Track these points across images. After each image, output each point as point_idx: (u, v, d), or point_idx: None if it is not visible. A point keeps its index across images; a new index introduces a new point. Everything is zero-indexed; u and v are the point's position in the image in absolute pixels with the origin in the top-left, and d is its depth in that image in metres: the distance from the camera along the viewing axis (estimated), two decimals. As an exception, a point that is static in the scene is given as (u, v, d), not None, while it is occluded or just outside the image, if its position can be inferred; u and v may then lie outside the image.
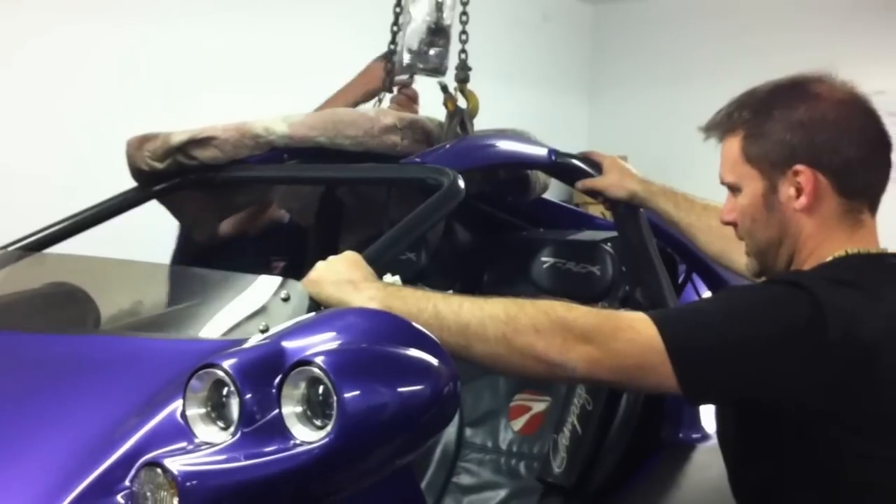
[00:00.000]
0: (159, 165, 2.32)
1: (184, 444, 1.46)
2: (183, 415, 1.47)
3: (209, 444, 1.44)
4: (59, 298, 2.12)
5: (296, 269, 2.81)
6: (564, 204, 3.38)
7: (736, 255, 2.22)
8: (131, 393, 1.56)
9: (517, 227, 2.97)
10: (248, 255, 3.00)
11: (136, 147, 2.36)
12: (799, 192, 1.68)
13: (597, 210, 3.27)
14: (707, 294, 2.84)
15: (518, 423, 2.64)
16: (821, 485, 1.61)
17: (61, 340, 1.84)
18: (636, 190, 2.42)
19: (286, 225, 3.26)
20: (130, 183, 2.44)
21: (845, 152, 1.66)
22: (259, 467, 1.40)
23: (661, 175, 2.45)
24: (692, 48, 7.18)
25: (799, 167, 1.67)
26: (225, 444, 1.43)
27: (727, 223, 1.82)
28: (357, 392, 1.41)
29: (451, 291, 2.73)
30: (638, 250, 2.46)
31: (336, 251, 2.85)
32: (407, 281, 1.80)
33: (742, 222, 1.78)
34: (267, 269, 2.92)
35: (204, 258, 2.88)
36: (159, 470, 1.39)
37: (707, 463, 2.37)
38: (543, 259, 2.64)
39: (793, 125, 1.67)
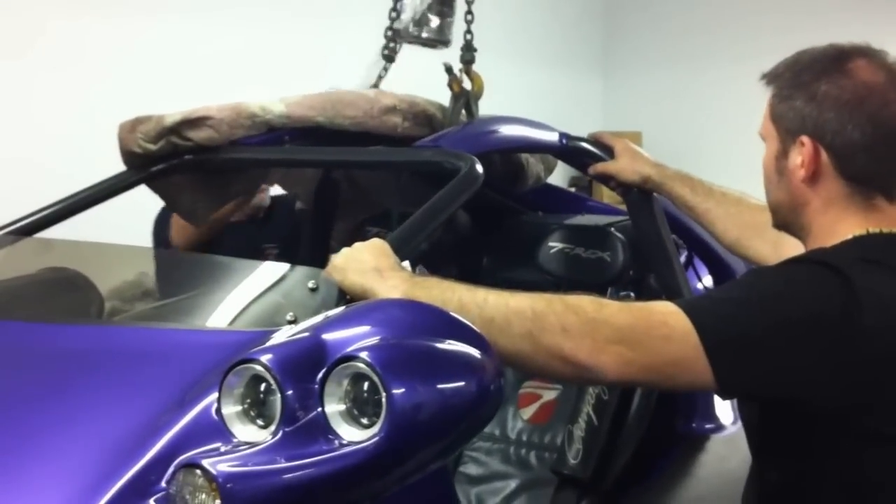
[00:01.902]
0: (152, 147, 2.24)
1: (219, 443, 1.38)
2: (218, 412, 1.39)
3: (248, 444, 1.36)
4: (60, 285, 2.01)
5: (290, 256, 2.74)
6: (562, 187, 3.33)
7: (753, 243, 2.17)
8: (162, 387, 1.48)
9: (515, 210, 2.91)
10: (240, 243, 2.92)
11: (128, 130, 2.28)
12: (803, 163, 1.65)
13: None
14: (707, 278, 2.80)
15: (528, 412, 2.59)
16: (848, 481, 1.56)
17: (86, 332, 1.75)
18: (649, 174, 2.37)
19: (276, 210, 3.18)
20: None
21: (849, 135, 1.61)
22: (304, 469, 1.32)
23: (676, 154, 2.39)
24: (709, 25, 6.92)
25: (804, 139, 1.64)
26: (266, 444, 1.35)
27: None
28: (405, 389, 1.33)
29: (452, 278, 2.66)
30: (651, 237, 2.41)
31: (329, 235, 2.81)
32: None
33: (763, 175, 1.75)
34: (260, 256, 2.83)
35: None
36: (198, 471, 1.31)
37: (725, 454, 2.34)
38: (551, 244, 2.58)
39: (811, 97, 1.64)
